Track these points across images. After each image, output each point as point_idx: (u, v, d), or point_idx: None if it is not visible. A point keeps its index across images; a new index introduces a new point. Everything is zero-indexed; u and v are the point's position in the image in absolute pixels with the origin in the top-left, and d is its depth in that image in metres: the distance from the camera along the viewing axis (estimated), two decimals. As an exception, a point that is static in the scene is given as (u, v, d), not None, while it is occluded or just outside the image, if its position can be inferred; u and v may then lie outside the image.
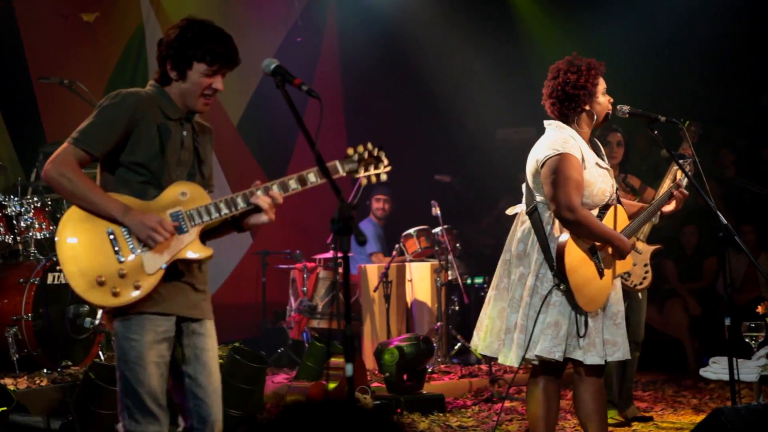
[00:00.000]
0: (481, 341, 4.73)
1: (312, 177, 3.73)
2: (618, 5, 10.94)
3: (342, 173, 3.76)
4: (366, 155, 3.80)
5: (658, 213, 4.90)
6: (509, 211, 4.83)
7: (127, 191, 3.60)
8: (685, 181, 4.88)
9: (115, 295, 3.48)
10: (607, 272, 4.58)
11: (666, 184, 6.00)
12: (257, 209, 3.71)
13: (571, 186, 4.45)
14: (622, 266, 4.68)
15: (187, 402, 3.73)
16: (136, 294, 3.51)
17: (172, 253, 3.56)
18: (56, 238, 3.53)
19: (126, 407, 3.58)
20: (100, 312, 6.35)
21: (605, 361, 4.57)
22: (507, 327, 4.62)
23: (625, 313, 4.72)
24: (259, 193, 3.69)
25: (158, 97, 3.70)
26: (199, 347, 3.74)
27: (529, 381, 4.75)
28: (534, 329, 4.49)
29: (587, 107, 4.62)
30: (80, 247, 3.52)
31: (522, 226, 4.67)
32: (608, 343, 4.58)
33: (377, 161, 3.82)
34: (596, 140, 4.80)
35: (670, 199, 4.88)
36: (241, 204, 3.67)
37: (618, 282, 4.70)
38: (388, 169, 3.85)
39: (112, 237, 3.51)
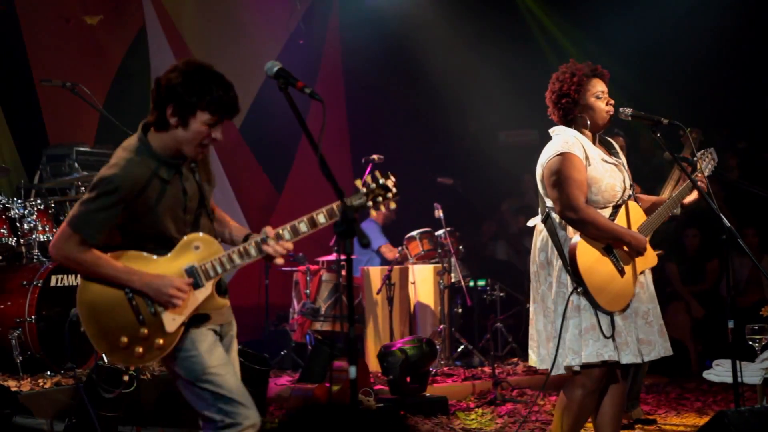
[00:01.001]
0: (537, 356, 4.69)
1: (321, 218, 3.71)
2: (621, 8, 10.94)
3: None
4: (373, 185, 3.73)
5: (679, 205, 4.84)
6: (530, 223, 4.82)
7: (139, 248, 3.63)
8: (707, 170, 4.86)
9: (140, 356, 3.60)
10: (628, 269, 4.54)
11: (669, 188, 5.98)
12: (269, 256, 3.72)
13: (573, 185, 4.44)
14: (644, 263, 4.62)
15: None
16: (159, 353, 3.61)
17: (189, 309, 3.63)
18: (77, 299, 3.62)
19: (218, 411, 3.62)
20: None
21: (642, 360, 4.53)
22: (547, 337, 4.60)
23: None
24: (270, 242, 3.68)
25: (149, 160, 3.58)
26: (227, 347, 3.84)
27: (564, 389, 4.65)
28: (564, 335, 4.45)
29: (579, 113, 4.62)
30: (100, 310, 3.60)
31: (540, 235, 4.65)
32: (643, 342, 4.53)
33: (385, 190, 3.75)
34: (607, 138, 4.78)
35: (691, 190, 4.83)
36: (253, 254, 3.69)
37: (647, 279, 4.65)
38: (396, 196, 3.79)
39: (130, 297, 3.58)
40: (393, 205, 3.80)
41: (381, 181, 3.74)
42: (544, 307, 4.61)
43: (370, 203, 3.73)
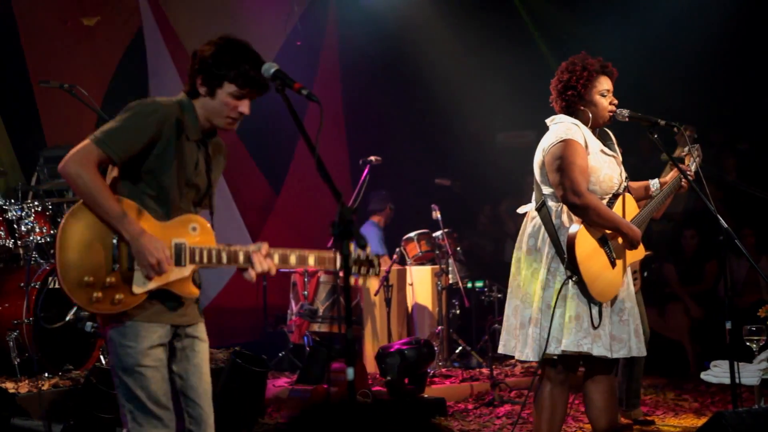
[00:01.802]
0: (500, 341, 4.73)
1: (311, 260, 3.74)
2: (619, 8, 10.95)
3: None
4: (361, 259, 3.84)
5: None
6: (520, 210, 4.83)
7: (134, 199, 3.59)
8: (693, 166, 4.89)
9: (96, 301, 3.48)
10: (619, 262, 4.58)
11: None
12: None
13: (576, 171, 4.47)
14: (633, 256, 4.66)
15: (179, 403, 3.74)
16: (111, 308, 3.50)
17: (162, 281, 3.57)
18: (64, 223, 3.48)
19: (129, 411, 3.59)
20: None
21: (611, 356, 4.55)
22: (521, 323, 4.63)
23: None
24: (257, 256, 3.68)
25: (185, 112, 3.68)
26: (190, 348, 3.76)
27: (537, 385, 4.72)
28: (552, 323, 4.47)
29: (581, 107, 4.65)
30: (83, 241, 3.49)
31: (532, 222, 4.69)
32: (614, 339, 4.57)
33: (369, 265, 3.86)
34: (607, 130, 4.80)
35: (678, 188, 4.89)
36: (241, 261, 3.68)
37: (629, 277, 4.68)
38: (380, 274, 3.93)
39: (116, 243, 3.50)
40: (375, 283, 3.93)
41: (368, 257, 3.86)
42: (522, 293, 4.64)
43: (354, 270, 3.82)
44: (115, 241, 3.51)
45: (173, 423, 3.65)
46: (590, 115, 4.64)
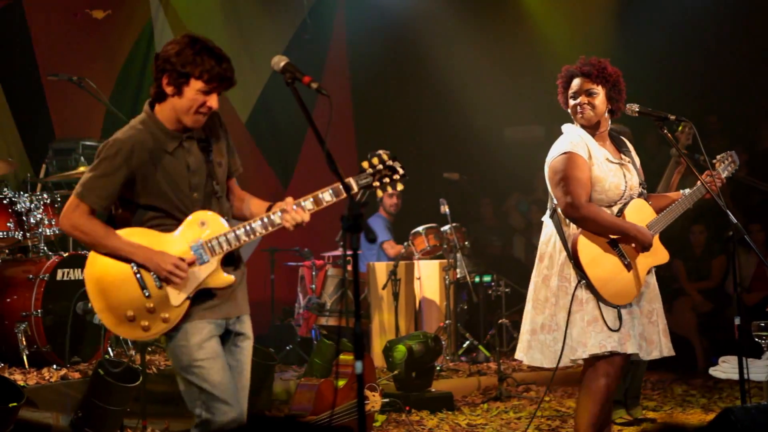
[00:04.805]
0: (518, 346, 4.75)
1: (327, 196, 3.81)
2: (628, 3, 10.92)
3: (355, 189, 3.78)
4: (380, 167, 3.82)
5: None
6: (544, 218, 4.84)
7: (145, 225, 3.71)
8: (725, 173, 4.82)
9: (146, 329, 3.65)
10: (636, 265, 4.56)
11: (664, 182, 5.94)
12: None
13: (574, 183, 4.50)
14: (655, 259, 4.63)
15: None
16: (164, 326, 3.66)
17: (194, 284, 3.68)
18: (84, 274, 3.70)
19: (201, 403, 3.70)
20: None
21: (645, 357, 4.57)
22: (532, 328, 4.64)
23: None
24: (279, 213, 3.77)
25: (153, 129, 3.72)
26: (234, 344, 3.87)
27: (586, 379, 4.60)
28: (571, 330, 4.48)
29: (570, 113, 4.70)
30: (107, 284, 3.67)
31: (545, 229, 4.71)
32: (646, 340, 4.57)
33: (392, 171, 3.84)
34: (620, 136, 4.80)
35: (705, 192, 4.73)
36: (259, 231, 3.76)
37: (651, 279, 4.66)
38: (404, 177, 3.87)
39: (138, 275, 3.64)
40: (400, 187, 3.82)
41: (388, 162, 3.81)
42: (534, 298, 4.66)
43: (376, 183, 3.81)
44: (135, 270, 3.64)
45: (240, 406, 3.77)
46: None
